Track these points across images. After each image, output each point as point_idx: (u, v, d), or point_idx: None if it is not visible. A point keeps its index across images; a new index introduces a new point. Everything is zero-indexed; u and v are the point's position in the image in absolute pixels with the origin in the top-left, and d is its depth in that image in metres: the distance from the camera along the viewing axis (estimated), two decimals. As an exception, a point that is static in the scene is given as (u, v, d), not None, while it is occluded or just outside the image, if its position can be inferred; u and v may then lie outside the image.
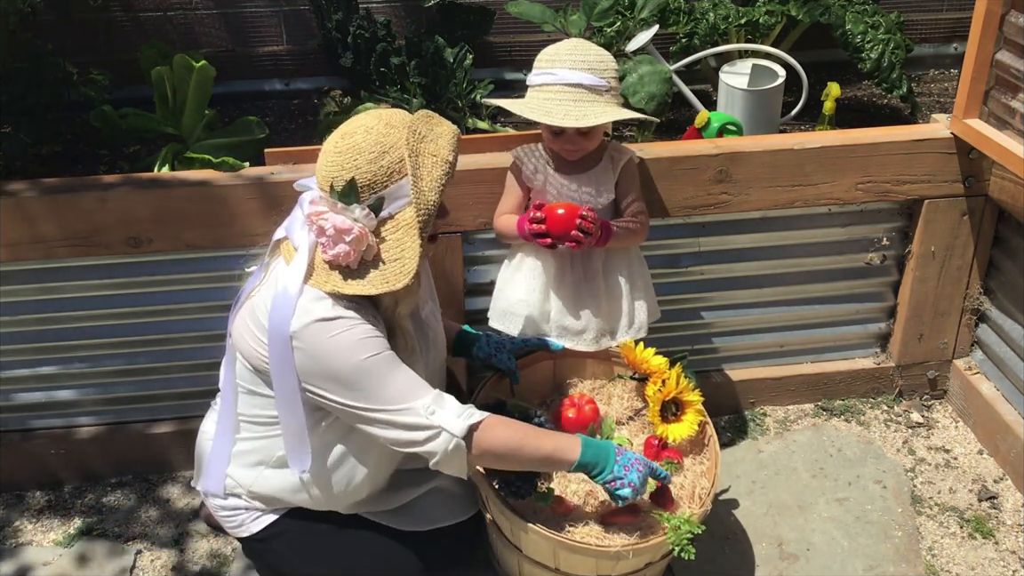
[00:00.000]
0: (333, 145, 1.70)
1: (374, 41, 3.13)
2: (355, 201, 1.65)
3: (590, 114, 2.00)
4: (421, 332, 1.94)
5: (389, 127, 1.69)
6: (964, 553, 2.33)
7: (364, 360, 1.68)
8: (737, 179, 2.44)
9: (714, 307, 2.67)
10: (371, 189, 1.66)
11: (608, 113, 2.02)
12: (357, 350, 1.68)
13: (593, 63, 2.04)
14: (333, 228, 1.64)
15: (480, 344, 2.13)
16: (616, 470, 1.77)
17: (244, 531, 1.97)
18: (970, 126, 2.39)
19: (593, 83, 2.02)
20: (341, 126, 1.73)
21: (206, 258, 2.39)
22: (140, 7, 3.36)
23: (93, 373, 2.51)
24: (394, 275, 1.67)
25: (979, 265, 2.64)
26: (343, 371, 1.68)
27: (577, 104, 2.01)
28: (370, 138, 1.67)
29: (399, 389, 1.70)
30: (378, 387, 1.69)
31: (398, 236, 1.68)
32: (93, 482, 2.59)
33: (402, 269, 1.68)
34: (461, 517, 2.05)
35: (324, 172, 1.69)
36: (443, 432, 1.70)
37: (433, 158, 1.69)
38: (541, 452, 1.77)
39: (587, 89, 2.02)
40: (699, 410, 2.04)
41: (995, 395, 2.64)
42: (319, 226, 1.66)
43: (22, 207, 2.24)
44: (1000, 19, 2.26)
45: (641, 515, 1.88)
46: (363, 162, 1.65)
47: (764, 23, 3.18)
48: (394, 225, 1.69)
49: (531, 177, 2.19)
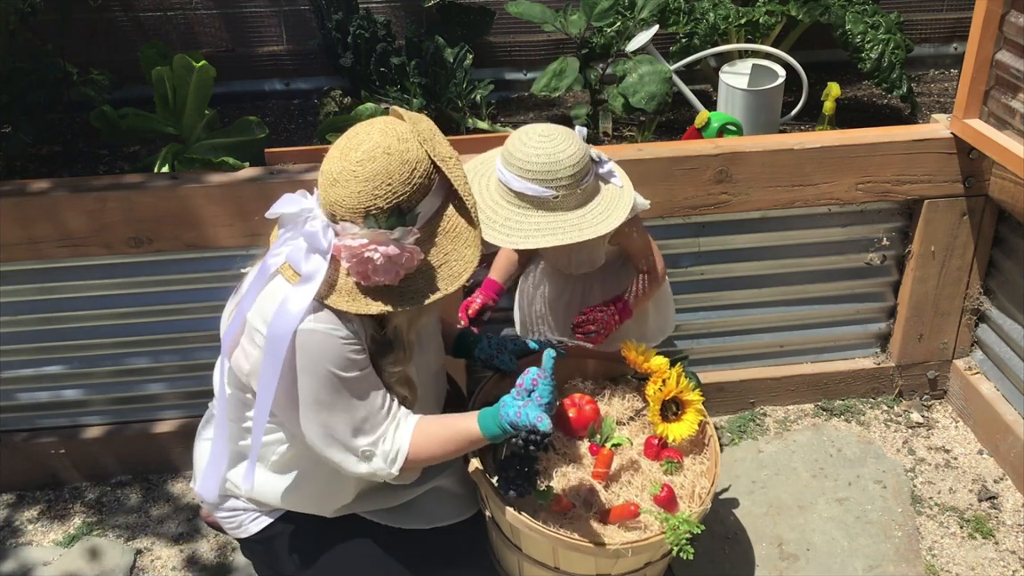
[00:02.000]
0: (352, 174, 1.60)
1: (374, 41, 3.14)
2: (399, 224, 1.61)
3: (527, 230, 1.86)
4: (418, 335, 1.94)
5: (403, 142, 1.63)
6: (964, 553, 2.33)
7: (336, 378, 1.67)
8: (737, 179, 2.44)
9: (714, 307, 2.67)
10: (410, 208, 1.62)
11: (541, 239, 1.85)
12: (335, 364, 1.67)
13: (540, 172, 1.84)
14: (383, 257, 1.59)
15: (482, 345, 2.13)
16: (512, 412, 1.73)
17: (243, 532, 1.97)
18: (970, 126, 2.39)
19: (536, 193, 1.85)
20: (344, 150, 1.64)
21: (206, 258, 2.39)
22: (140, 7, 3.37)
23: (93, 373, 2.52)
24: (444, 281, 1.66)
25: (979, 265, 2.64)
26: (311, 381, 1.67)
27: (523, 213, 1.87)
28: (394, 159, 1.60)
29: (349, 424, 1.71)
30: (335, 411, 1.69)
31: (439, 243, 1.66)
32: (93, 482, 2.59)
33: (451, 272, 1.66)
34: (461, 516, 2.05)
35: (351, 203, 1.60)
36: (375, 476, 1.76)
37: (450, 159, 1.66)
38: (460, 446, 1.80)
39: (531, 200, 1.86)
40: (699, 410, 2.04)
41: (995, 395, 2.64)
42: (364, 258, 1.60)
43: (22, 207, 2.24)
44: (1000, 19, 2.26)
45: (641, 514, 1.88)
46: (397, 184, 1.59)
47: (764, 23, 3.18)
48: (434, 235, 1.66)
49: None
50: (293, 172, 2.33)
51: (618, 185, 1.95)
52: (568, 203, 1.87)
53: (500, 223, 1.88)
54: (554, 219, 1.87)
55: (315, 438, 1.72)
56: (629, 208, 1.91)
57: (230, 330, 1.79)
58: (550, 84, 3.11)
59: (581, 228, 1.87)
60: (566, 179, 1.84)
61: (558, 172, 1.84)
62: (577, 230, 1.86)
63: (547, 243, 1.85)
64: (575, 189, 1.86)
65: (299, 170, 2.34)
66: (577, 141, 1.88)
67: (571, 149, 1.85)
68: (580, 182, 1.86)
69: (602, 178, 1.94)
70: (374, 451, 1.73)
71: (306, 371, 1.67)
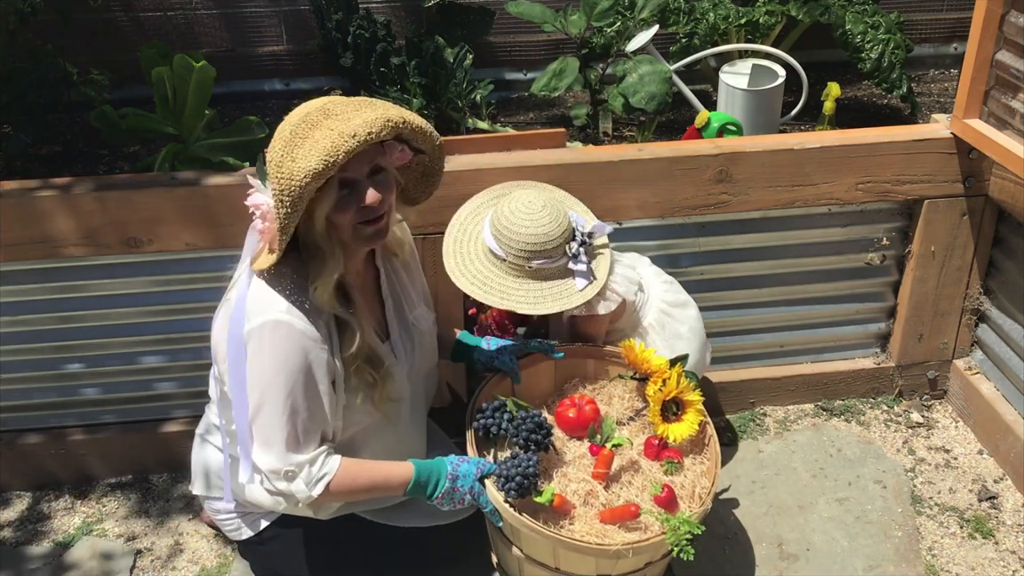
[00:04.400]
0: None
1: (374, 41, 3.14)
2: (265, 178, 1.68)
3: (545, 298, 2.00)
4: (407, 335, 1.94)
5: (303, 106, 1.69)
6: (964, 553, 2.33)
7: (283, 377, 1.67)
8: (737, 179, 2.44)
9: (714, 307, 2.67)
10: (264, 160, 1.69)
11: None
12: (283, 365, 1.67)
13: (525, 244, 1.98)
14: (255, 206, 1.69)
15: (481, 348, 2.13)
16: (447, 483, 1.82)
17: (241, 534, 1.97)
18: (970, 126, 2.39)
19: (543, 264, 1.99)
20: None
21: (206, 258, 2.39)
22: (140, 7, 3.37)
23: (93, 373, 2.51)
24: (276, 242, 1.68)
25: (979, 265, 2.64)
26: (260, 372, 1.67)
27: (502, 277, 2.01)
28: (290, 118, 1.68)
29: (284, 435, 1.70)
30: (273, 413, 1.68)
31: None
32: (93, 482, 2.59)
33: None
34: (461, 516, 2.05)
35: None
36: (292, 497, 1.74)
37: (330, 132, 1.61)
38: (377, 489, 1.83)
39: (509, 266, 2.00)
40: (700, 410, 2.04)
41: (995, 395, 2.63)
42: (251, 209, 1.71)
43: (22, 207, 2.24)
44: (1000, 19, 2.26)
45: (641, 514, 1.88)
46: (277, 139, 1.65)
47: (764, 23, 3.18)
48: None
49: None
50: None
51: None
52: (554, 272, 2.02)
53: (497, 288, 2.00)
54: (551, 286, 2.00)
55: (246, 433, 1.71)
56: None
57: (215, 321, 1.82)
58: (550, 84, 3.11)
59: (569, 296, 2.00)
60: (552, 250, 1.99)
61: (546, 244, 1.98)
62: (565, 297, 2.00)
63: (550, 310, 1.98)
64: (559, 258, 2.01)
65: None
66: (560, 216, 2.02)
67: (553, 224, 2.00)
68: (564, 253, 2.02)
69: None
70: (298, 472, 1.72)
71: (268, 360, 1.67)
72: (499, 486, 1.83)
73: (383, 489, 1.83)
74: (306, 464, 1.72)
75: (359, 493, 1.81)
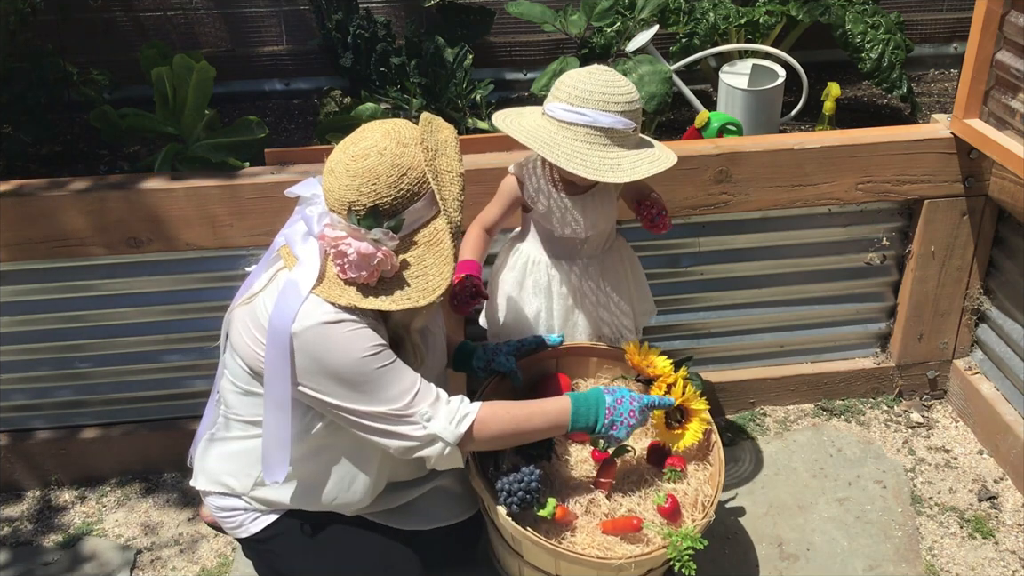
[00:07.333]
0: (345, 167, 1.63)
1: (374, 41, 3.14)
2: (376, 225, 1.62)
3: (625, 164, 1.91)
4: (423, 338, 1.94)
5: (402, 146, 1.64)
6: (964, 553, 2.33)
7: (365, 359, 1.67)
8: (737, 179, 2.44)
9: (714, 307, 2.67)
10: (392, 212, 1.63)
11: (639, 169, 1.91)
12: (358, 349, 1.67)
13: (625, 104, 1.91)
14: (356, 254, 1.61)
15: (478, 354, 2.12)
16: (606, 418, 1.83)
17: (243, 532, 1.97)
18: (970, 126, 2.39)
19: (625, 126, 1.92)
20: (346, 144, 1.68)
21: (206, 258, 2.39)
22: (140, 7, 3.37)
23: (93, 373, 2.51)
24: (418, 292, 1.66)
25: (979, 265, 2.64)
26: (343, 369, 1.67)
27: (608, 150, 1.91)
28: (386, 160, 1.62)
29: (399, 391, 1.70)
30: (377, 389, 1.69)
31: (419, 253, 1.67)
32: (93, 482, 2.59)
33: (426, 286, 1.66)
34: (462, 517, 2.05)
35: (339, 195, 1.64)
36: (437, 441, 1.72)
37: (449, 174, 1.66)
38: (537, 430, 1.83)
39: (619, 134, 1.92)
40: (704, 419, 2.01)
41: (995, 395, 2.64)
42: (340, 250, 1.62)
43: (22, 207, 2.24)
44: (1000, 19, 2.26)
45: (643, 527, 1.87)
46: (383, 186, 1.61)
47: (764, 23, 3.18)
48: (415, 244, 1.67)
49: (533, 196, 2.11)
50: (293, 172, 2.33)
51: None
52: (632, 141, 1.97)
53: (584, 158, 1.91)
54: (629, 155, 1.94)
55: (364, 428, 1.72)
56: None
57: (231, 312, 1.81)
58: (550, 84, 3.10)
59: (660, 160, 1.95)
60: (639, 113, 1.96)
61: (635, 105, 1.94)
62: (657, 163, 1.95)
63: (640, 175, 1.91)
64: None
65: (299, 170, 2.34)
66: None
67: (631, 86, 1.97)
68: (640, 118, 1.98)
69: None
70: (434, 412, 1.72)
71: (336, 363, 1.67)
72: (501, 500, 1.82)
73: (539, 419, 1.81)
74: (437, 403, 1.73)
75: (508, 435, 1.79)
